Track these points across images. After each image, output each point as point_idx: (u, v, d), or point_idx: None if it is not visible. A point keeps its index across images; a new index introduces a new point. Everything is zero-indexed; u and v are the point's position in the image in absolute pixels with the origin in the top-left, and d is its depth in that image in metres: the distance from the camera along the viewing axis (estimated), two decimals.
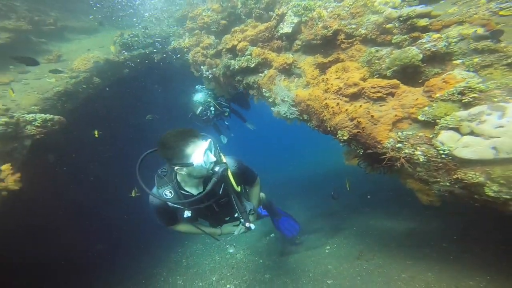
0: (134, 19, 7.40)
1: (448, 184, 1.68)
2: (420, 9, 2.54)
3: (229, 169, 1.94)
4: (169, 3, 7.35)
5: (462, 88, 1.73)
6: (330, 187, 5.01)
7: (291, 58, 2.99)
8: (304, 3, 3.14)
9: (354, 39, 2.96)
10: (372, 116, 1.99)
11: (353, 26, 2.99)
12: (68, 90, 4.25)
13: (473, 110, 1.60)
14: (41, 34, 5.78)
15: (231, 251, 2.35)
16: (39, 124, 2.74)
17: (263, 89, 2.98)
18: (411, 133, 1.86)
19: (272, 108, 2.72)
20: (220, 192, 2.00)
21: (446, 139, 1.64)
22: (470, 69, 2.08)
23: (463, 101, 1.72)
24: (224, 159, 1.97)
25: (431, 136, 1.76)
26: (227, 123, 4.90)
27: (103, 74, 4.96)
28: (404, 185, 2.04)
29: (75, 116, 4.16)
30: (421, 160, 1.75)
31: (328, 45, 3.10)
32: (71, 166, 5.14)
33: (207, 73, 3.84)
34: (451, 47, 2.22)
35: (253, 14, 4.14)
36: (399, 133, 1.89)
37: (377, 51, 2.70)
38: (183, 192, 1.92)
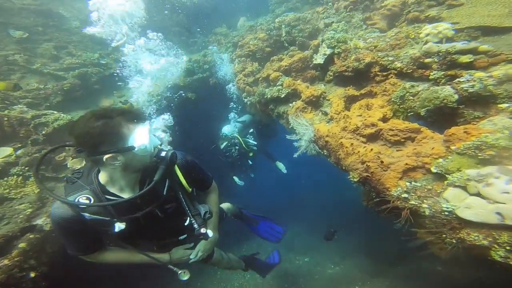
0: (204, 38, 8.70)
1: (454, 241, 1.65)
2: (461, 45, 2.45)
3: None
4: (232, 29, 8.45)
5: (479, 143, 1.68)
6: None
7: (319, 90, 3.22)
8: (338, 36, 3.35)
9: (389, 72, 2.99)
10: (381, 162, 2.08)
11: (390, 59, 3.03)
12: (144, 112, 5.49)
13: (483, 170, 1.56)
14: None
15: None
16: None
17: (295, 120, 3.29)
18: (419, 184, 1.88)
19: (295, 143, 3.01)
20: (165, 193, 1.56)
21: (452, 196, 1.64)
22: None
23: (479, 157, 1.68)
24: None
25: (439, 191, 1.76)
26: (251, 162, 4.81)
27: (170, 97, 6.16)
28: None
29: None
30: (426, 214, 1.76)
31: (361, 77, 3.19)
32: None
33: (246, 100, 4.39)
34: (491, 88, 2.09)
35: (297, 42, 4.53)
36: (407, 183, 1.93)
37: (412, 86, 2.69)
38: (109, 197, 1.43)
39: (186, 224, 1.71)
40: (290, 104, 3.46)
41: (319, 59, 3.48)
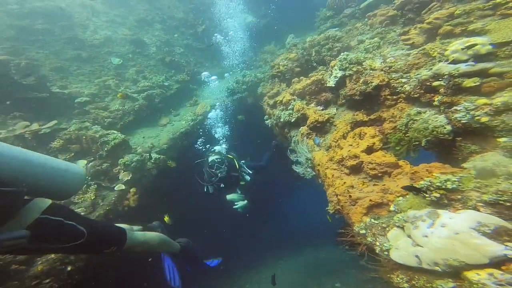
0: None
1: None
2: (465, 67, 2.42)
3: None
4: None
5: (428, 184, 1.79)
6: None
7: (327, 115, 3.51)
8: (352, 57, 3.56)
9: (398, 96, 3.05)
10: (350, 196, 2.29)
11: (403, 80, 3.10)
12: (188, 130, 6.68)
13: (418, 212, 1.69)
14: (194, 82, 8.90)
15: None
16: (153, 161, 4.95)
17: (298, 145, 3.67)
18: (376, 222, 2.04)
19: (293, 166, 3.37)
20: None
21: (392, 236, 1.80)
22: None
23: (426, 198, 1.78)
24: None
25: (387, 230, 1.91)
26: (239, 192, 4.42)
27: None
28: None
29: (186, 151, 6.45)
30: (377, 251, 1.93)
31: (373, 100, 3.32)
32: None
33: (266, 122, 4.94)
34: (484, 119, 2.06)
35: (326, 61, 4.86)
36: (368, 220, 2.10)
37: (418, 113, 2.74)
38: None
39: None
40: (300, 129, 3.84)
41: (331, 82, 3.76)
